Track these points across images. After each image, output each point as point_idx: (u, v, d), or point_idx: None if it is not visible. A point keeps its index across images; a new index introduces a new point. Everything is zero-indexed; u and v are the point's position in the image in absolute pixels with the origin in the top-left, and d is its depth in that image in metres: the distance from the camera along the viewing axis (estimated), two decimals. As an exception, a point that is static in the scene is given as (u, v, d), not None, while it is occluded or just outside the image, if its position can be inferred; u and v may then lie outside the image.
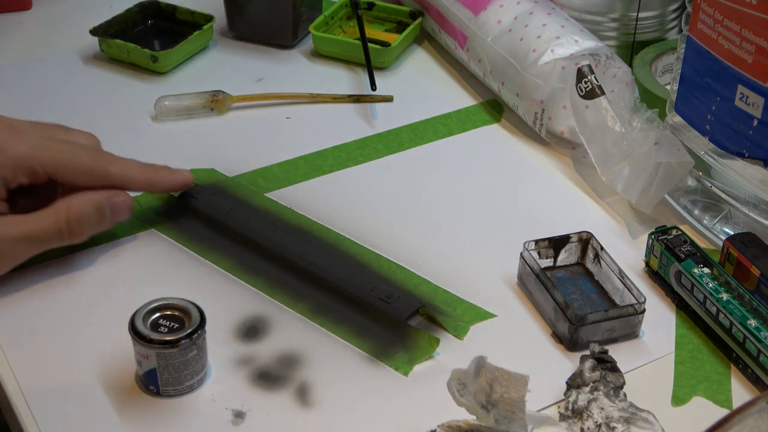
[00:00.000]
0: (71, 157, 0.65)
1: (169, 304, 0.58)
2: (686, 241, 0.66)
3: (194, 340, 0.56)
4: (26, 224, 0.62)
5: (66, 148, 0.65)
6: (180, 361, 0.56)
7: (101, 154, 0.67)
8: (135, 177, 0.67)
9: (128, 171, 0.67)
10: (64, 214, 0.63)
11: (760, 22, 0.63)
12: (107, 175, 0.66)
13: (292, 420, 0.57)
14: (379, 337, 0.62)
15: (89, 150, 0.66)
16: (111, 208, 0.66)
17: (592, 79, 0.75)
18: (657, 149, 0.71)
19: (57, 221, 0.63)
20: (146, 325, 0.57)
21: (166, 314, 0.57)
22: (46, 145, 0.64)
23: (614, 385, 0.57)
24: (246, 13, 0.93)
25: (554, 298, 0.63)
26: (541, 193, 0.77)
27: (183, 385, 0.57)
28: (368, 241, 0.71)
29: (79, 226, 0.64)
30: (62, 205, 0.64)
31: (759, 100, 0.65)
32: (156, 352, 0.56)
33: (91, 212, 0.64)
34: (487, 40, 0.85)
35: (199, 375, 0.58)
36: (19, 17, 0.98)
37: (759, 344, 0.59)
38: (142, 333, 0.56)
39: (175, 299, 0.58)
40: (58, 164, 0.64)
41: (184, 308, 0.58)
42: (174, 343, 0.56)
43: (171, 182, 0.70)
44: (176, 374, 0.57)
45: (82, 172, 0.65)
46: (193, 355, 0.56)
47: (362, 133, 0.83)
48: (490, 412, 0.50)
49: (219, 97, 0.84)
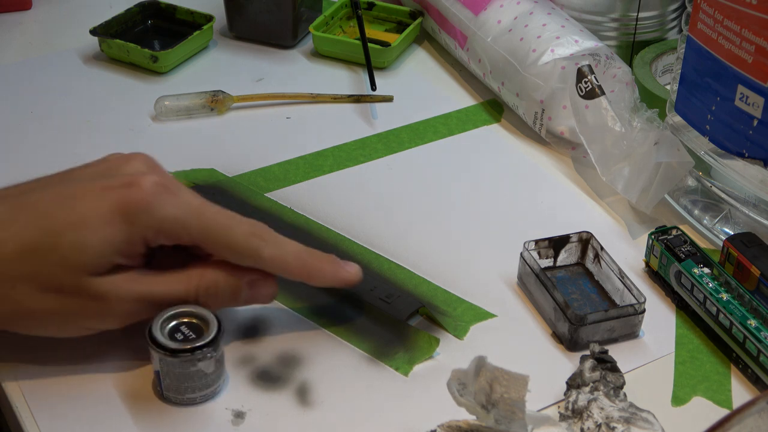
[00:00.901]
0: (224, 232, 0.57)
1: (193, 312, 0.57)
2: (686, 241, 0.66)
3: (196, 355, 0.55)
4: (155, 284, 0.57)
5: (220, 219, 0.58)
6: (180, 372, 0.56)
7: (258, 232, 0.58)
8: (290, 265, 0.59)
9: (283, 257, 0.58)
10: (195, 283, 0.57)
11: (760, 22, 0.63)
12: (258, 259, 0.58)
13: (292, 420, 0.57)
14: (379, 337, 0.62)
15: (246, 225, 0.58)
16: (250, 293, 0.59)
17: (592, 79, 0.75)
18: (657, 149, 0.71)
19: (187, 289, 0.57)
20: (164, 327, 0.56)
21: (185, 322, 0.57)
22: (199, 210, 0.57)
23: (614, 385, 0.57)
24: (246, 13, 0.93)
25: (554, 298, 0.63)
26: (541, 193, 0.77)
27: (183, 396, 0.57)
28: (368, 241, 0.71)
29: (208, 299, 0.58)
30: (196, 272, 0.58)
31: (759, 100, 0.65)
32: (159, 357, 0.55)
33: (226, 290, 0.58)
34: (487, 40, 0.85)
35: (203, 391, 0.57)
36: (19, 17, 0.98)
37: (759, 344, 0.59)
38: (152, 333, 0.56)
39: (201, 310, 0.57)
40: (207, 236, 0.57)
41: (207, 320, 0.57)
42: (175, 353, 0.55)
43: (332, 278, 0.60)
44: (176, 383, 0.56)
45: (231, 249, 0.58)
46: (194, 370, 0.56)
47: (362, 133, 0.83)
48: (490, 412, 0.50)
49: (219, 97, 0.84)
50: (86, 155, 0.78)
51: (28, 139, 0.80)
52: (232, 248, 0.57)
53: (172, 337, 0.56)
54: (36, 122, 0.82)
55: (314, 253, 0.60)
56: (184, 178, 0.75)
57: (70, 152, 0.79)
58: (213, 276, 0.58)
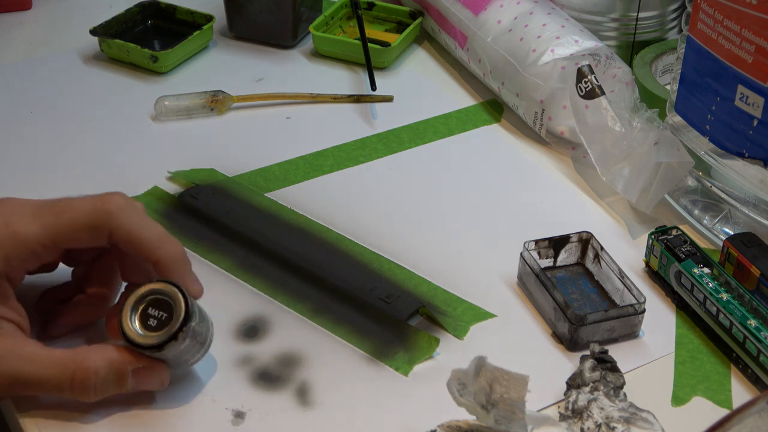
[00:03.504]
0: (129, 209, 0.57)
1: (154, 290, 0.55)
2: (686, 241, 0.66)
3: (179, 337, 0.54)
4: (29, 364, 0.53)
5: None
6: (174, 356, 0.55)
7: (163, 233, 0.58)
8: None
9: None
10: (70, 370, 0.54)
11: (760, 22, 0.63)
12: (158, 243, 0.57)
13: (292, 420, 0.57)
14: (379, 337, 0.62)
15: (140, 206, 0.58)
16: (137, 378, 0.55)
17: (592, 79, 0.75)
18: (657, 149, 0.71)
19: (61, 376, 0.54)
20: (133, 321, 0.54)
21: (152, 300, 0.55)
22: (36, 216, 0.56)
23: (614, 385, 0.57)
24: (246, 13, 0.93)
25: (554, 298, 0.63)
26: (541, 193, 0.77)
27: (187, 365, 0.58)
28: (368, 241, 0.71)
29: (85, 389, 0.54)
30: (77, 356, 0.54)
31: (759, 100, 0.65)
32: (150, 355, 0.55)
33: (107, 377, 0.54)
34: (487, 40, 0.85)
35: (200, 352, 0.57)
36: (19, 17, 0.98)
37: (759, 344, 0.59)
38: (127, 335, 0.54)
39: (157, 285, 0.55)
40: (117, 222, 0.56)
41: (169, 293, 0.55)
42: (161, 347, 0.54)
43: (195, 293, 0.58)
44: (176, 363, 0.56)
45: (140, 224, 0.57)
46: (185, 347, 0.55)
47: (362, 133, 0.83)
48: (490, 412, 0.50)
49: (219, 97, 0.84)
50: (86, 155, 0.79)
51: (28, 139, 0.80)
52: (81, 225, 0.56)
53: (145, 325, 0.54)
54: (36, 122, 0.82)
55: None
56: (184, 178, 0.75)
57: (70, 152, 0.79)
58: (93, 360, 0.54)
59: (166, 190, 0.74)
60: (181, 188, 0.75)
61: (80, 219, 0.56)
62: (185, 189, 0.74)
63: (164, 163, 0.77)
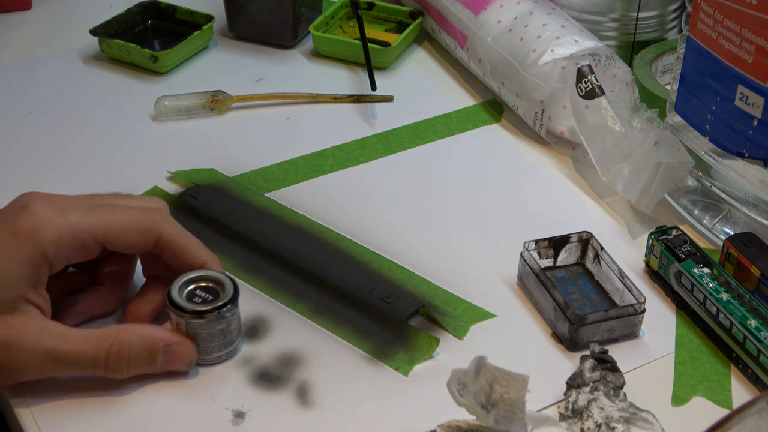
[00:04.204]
0: (119, 216, 0.57)
1: (206, 276, 0.59)
2: (686, 241, 0.66)
3: (221, 313, 0.58)
4: (63, 341, 0.54)
5: (114, 214, 0.58)
6: (207, 333, 0.58)
7: (154, 216, 0.59)
8: (187, 246, 0.60)
9: (179, 232, 0.60)
10: (107, 345, 0.55)
11: (760, 22, 0.63)
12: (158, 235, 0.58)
13: (292, 420, 0.57)
14: (379, 337, 0.62)
15: (137, 211, 0.59)
16: (167, 354, 0.57)
17: (592, 79, 0.75)
18: (657, 149, 0.71)
19: (97, 350, 0.55)
20: (182, 293, 0.58)
21: (202, 286, 0.59)
22: (91, 209, 0.57)
23: (614, 385, 0.57)
24: (246, 13, 0.93)
25: (554, 298, 0.63)
26: (541, 193, 0.77)
27: (211, 356, 0.59)
28: (368, 241, 0.71)
29: (120, 363, 0.55)
30: (111, 332, 0.55)
31: (759, 100, 0.65)
32: (185, 322, 0.57)
33: (140, 352, 0.56)
34: (487, 40, 0.85)
35: (227, 348, 0.60)
36: (19, 17, 0.98)
37: (759, 344, 0.59)
38: (173, 300, 0.58)
39: (213, 272, 0.59)
40: (106, 229, 0.57)
41: (221, 281, 0.59)
42: (202, 314, 0.57)
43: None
44: (204, 344, 0.58)
45: (133, 229, 0.58)
46: (220, 328, 0.58)
47: (362, 133, 0.83)
48: (490, 412, 0.50)
49: (219, 97, 0.84)
50: (86, 155, 0.79)
51: (28, 138, 0.80)
52: (133, 227, 0.57)
53: (191, 301, 0.58)
54: (36, 122, 0.82)
55: None
56: (184, 178, 0.75)
57: (70, 152, 0.79)
58: (127, 336, 0.56)
59: (166, 190, 0.74)
60: (181, 188, 0.75)
61: (133, 220, 0.58)
62: (185, 189, 0.74)
63: (164, 163, 0.77)
